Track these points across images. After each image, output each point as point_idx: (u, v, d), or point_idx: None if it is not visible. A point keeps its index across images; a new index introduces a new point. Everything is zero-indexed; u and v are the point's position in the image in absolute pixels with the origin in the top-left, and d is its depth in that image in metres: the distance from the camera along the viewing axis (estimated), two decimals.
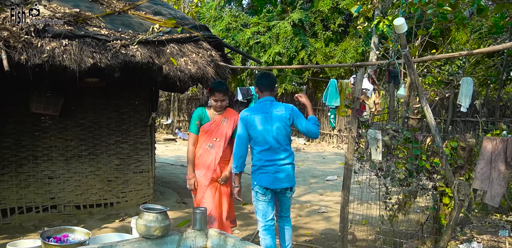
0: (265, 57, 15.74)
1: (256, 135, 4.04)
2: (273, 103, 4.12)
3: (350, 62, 14.17)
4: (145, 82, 6.31)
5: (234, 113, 4.52)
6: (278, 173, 4.01)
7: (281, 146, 4.03)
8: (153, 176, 7.09)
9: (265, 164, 4.02)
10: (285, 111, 4.06)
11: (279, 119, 4.03)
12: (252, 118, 4.06)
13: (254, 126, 4.05)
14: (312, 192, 8.50)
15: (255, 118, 4.05)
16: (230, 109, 4.55)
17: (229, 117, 4.48)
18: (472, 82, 4.45)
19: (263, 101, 4.13)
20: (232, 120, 4.47)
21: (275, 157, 4.02)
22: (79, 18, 5.61)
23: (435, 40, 11.32)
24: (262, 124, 4.03)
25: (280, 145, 4.03)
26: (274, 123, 4.03)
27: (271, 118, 4.04)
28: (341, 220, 4.52)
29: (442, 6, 5.24)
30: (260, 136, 4.03)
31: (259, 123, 4.04)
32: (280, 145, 4.03)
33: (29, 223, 5.86)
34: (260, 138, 4.03)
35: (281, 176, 4.02)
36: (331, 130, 17.26)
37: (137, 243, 3.14)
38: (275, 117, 4.04)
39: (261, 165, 4.04)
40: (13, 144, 6.03)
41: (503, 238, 4.96)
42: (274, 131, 4.01)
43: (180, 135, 17.50)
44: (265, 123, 4.03)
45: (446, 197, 4.25)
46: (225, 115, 4.48)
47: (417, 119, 11.99)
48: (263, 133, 4.02)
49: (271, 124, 4.03)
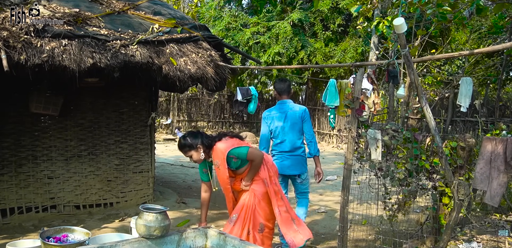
0: (265, 57, 15.73)
1: (274, 129, 4.97)
2: (289, 104, 5.01)
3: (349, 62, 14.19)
4: (144, 82, 6.32)
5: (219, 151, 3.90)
6: (288, 161, 4.90)
7: (293, 140, 4.90)
8: (153, 176, 7.09)
9: (279, 153, 4.94)
10: (298, 111, 4.95)
11: (293, 117, 4.92)
12: (272, 116, 5.00)
13: (273, 122, 4.98)
14: (312, 191, 8.47)
15: (274, 116, 4.99)
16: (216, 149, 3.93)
17: (218, 159, 3.94)
18: (472, 82, 4.45)
19: (281, 102, 5.04)
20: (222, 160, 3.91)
21: (287, 149, 4.90)
22: (78, 18, 5.60)
23: (435, 40, 11.31)
24: (279, 120, 4.94)
25: (292, 139, 4.90)
26: (288, 121, 4.91)
27: (286, 117, 4.93)
28: (341, 220, 4.52)
29: (441, 6, 5.24)
30: (277, 131, 4.94)
31: (277, 120, 4.96)
32: (292, 139, 4.90)
33: (28, 223, 5.86)
34: (277, 132, 4.95)
35: (291, 164, 4.89)
36: (330, 129, 17.27)
37: (136, 243, 3.14)
38: (289, 116, 4.93)
39: (276, 154, 4.96)
40: (13, 144, 6.02)
41: (502, 238, 4.96)
42: (288, 127, 4.90)
43: (179, 135, 17.43)
44: (281, 120, 4.93)
45: (446, 197, 4.25)
46: (214, 158, 3.97)
47: (416, 119, 11.99)
48: (280, 128, 4.93)
49: (286, 121, 4.92)
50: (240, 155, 3.93)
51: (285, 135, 4.90)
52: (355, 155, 4.52)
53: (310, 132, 4.97)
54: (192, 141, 3.92)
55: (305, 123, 4.94)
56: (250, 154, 3.94)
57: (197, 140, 3.93)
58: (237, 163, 3.98)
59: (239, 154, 3.93)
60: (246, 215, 3.99)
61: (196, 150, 3.92)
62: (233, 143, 3.94)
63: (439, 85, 14.65)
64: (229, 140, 3.98)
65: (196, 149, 3.92)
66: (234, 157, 3.93)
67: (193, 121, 19.33)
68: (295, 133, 4.90)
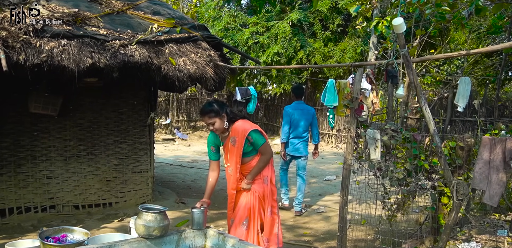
0: (264, 57, 15.71)
1: (292, 122, 6.78)
2: (303, 105, 7.00)
3: (348, 62, 14.17)
4: (144, 82, 6.32)
5: (241, 129, 3.90)
6: (296, 146, 6.80)
7: (302, 132, 6.79)
8: (152, 176, 7.09)
9: (290, 139, 6.81)
10: (310, 112, 6.91)
11: (306, 115, 6.84)
12: (292, 112, 6.82)
13: (292, 115, 6.80)
14: (311, 191, 8.50)
15: (294, 112, 6.81)
16: (236, 126, 3.94)
17: (237, 135, 3.91)
18: (470, 82, 4.45)
19: (297, 103, 6.95)
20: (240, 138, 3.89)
21: (296, 136, 6.78)
22: (77, 18, 5.60)
23: (434, 40, 11.31)
24: (297, 116, 6.79)
25: (301, 131, 6.78)
26: (303, 117, 6.79)
27: (301, 114, 6.81)
28: (340, 220, 4.52)
29: (440, 6, 5.25)
30: (294, 123, 6.77)
31: (295, 115, 6.79)
32: (301, 131, 6.78)
33: (27, 223, 5.85)
34: (293, 124, 6.78)
35: (297, 147, 6.81)
36: (330, 129, 17.26)
37: (136, 243, 3.14)
38: (304, 113, 6.84)
39: (288, 140, 6.82)
40: (12, 144, 6.02)
41: (501, 237, 4.97)
42: (301, 122, 6.77)
43: (179, 134, 17.49)
44: (298, 115, 6.79)
45: (445, 197, 4.25)
46: (232, 135, 3.94)
47: (415, 119, 11.99)
48: (295, 122, 6.77)
49: (301, 117, 6.78)
50: (257, 141, 3.92)
51: (298, 127, 6.77)
52: (354, 155, 4.52)
53: (317, 128, 7.04)
54: (219, 108, 3.89)
55: (313, 122, 6.91)
56: (264, 146, 3.94)
57: (223, 109, 3.91)
58: (249, 148, 3.95)
59: (256, 140, 3.91)
60: (254, 217, 3.97)
61: (221, 117, 3.88)
62: (256, 127, 3.97)
63: (438, 85, 14.66)
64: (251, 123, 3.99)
65: (221, 116, 3.88)
66: (251, 140, 3.90)
67: (192, 121, 19.32)
68: (304, 128, 6.78)
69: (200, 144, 16.48)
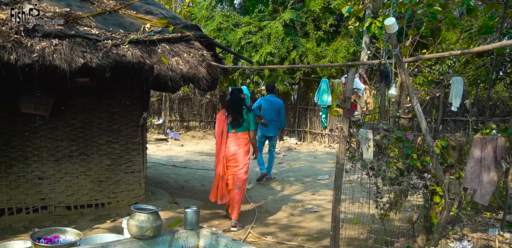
0: (257, 57, 15.73)
1: (263, 109, 9.05)
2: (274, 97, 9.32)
3: (341, 62, 14.22)
4: (136, 82, 6.28)
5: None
6: (267, 128, 9.02)
7: (272, 118, 9.04)
8: (145, 176, 7.06)
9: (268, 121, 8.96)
10: (278, 103, 9.24)
11: (274, 105, 9.11)
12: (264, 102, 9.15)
13: (263, 105, 9.09)
14: (304, 191, 8.52)
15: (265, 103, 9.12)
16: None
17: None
18: (462, 82, 4.49)
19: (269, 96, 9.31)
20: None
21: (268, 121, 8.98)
22: (69, 17, 5.57)
23: (426, 40, 11.39)
24: (266, 105, 9.08)
25: (272, 117, 9.03)
26: (272, 107, 9.05)
27: (271, 104, 9.08)
28: (333, 219, 4.53)
29: (432, 6, 5.29)
30: (264, 111, 9.01)
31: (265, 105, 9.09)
32: (272, 118, 9.03)
33: (19, 224, 5.81)
34: (264, 111, 9.00)
35: (269, 129, 9.05)
36: (322, 129, 17.31)
37: (129, 243, 3.13)
38: (273, 104, 9.11)
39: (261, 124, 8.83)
40: (3, 144, 5.97)
41: (493, 236, 5.01)
42: (271, 111, 9.02)
43: (171, 135, 17.44)
44: (267, 105, 9.08)
45: (437, 196, 4.28)
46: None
47: (408, 118, 12.07)
48: (264, 110, 9.02)
49: (270, 107, 9.05)
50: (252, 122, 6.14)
51: (269, 115, 8.99)
52: (347, 154, 4.54)
53: (283, 116, 9.27)
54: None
55: (281, 112, 9.15)
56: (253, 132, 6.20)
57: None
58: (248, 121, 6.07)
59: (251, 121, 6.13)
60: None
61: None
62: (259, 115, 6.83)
63: (430, 84, 14.77)
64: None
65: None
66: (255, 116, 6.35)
67: (185, 121, 19.28)
68: (274, 114, 9.05)
69: (193, 144, 16.45)
